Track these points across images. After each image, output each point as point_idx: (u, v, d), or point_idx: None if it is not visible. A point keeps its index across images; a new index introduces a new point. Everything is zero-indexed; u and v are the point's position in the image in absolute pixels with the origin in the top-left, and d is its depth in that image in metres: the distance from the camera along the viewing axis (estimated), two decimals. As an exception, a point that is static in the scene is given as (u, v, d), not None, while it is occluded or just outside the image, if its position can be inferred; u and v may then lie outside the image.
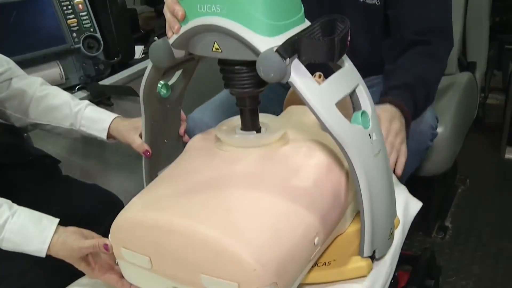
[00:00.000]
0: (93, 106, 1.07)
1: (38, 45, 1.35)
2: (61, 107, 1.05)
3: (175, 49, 0.77)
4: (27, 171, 1.07)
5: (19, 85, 1.06)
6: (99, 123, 1.03)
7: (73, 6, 1.41)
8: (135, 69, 1.56)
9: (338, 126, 0.67)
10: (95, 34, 1.45)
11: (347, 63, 0.73)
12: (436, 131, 1.21)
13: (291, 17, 0.69)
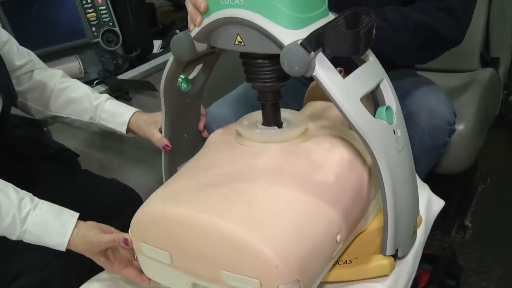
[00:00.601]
0: (113, 100, 1.06)
1: (58, 39, 1.35)
2: (81, 100, 1.05)
3: (197, 42, 0.76)
4: (47, 164, 1.07)
5: (40, 77, 1.06)
6: (118, 117, 1.02)
7: (93, 0, 1.41)
8: (153, 63, 1.55)
9: (363, 121, 0.65)
10: (114, 28, 1.45)
11: (371, 57, 0.71)
12: (454, 126, 1.19)
13: (315, 10, 0.68)
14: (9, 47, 1.03)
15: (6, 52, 1.01)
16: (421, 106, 1.14)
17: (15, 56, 1.03)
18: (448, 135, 1.18)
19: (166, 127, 0.93)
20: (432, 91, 1.19)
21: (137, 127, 1.01)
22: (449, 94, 1.54)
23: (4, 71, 0.95)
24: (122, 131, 1.03)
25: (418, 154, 1.15)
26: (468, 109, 1.47)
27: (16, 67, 1.03)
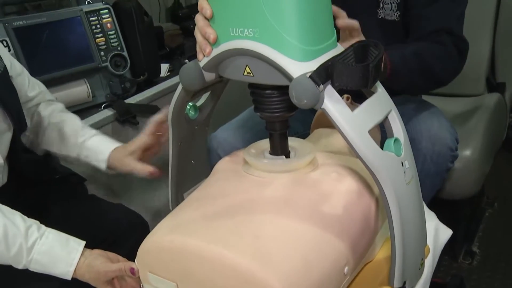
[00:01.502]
0: (99, 136, 1.06)
1: (67, 64, 1.37)
2: (69, 136, 1.05)
3: (205, 72, 0.76)
4: (55, 188, 1.08)
5: (44, 113, 1.08)
6: (99, 154, 1.02)
7: (102, 25, 1.43)
8: (160, 87, 1.57)
9: (371, 154, 0.65)
10: (122, 53, 1.46)
11: (379, 89, 0.71)
12: (457, 152, 1.19)
13: (324, 42, 0.68)
14: (22, 80, 1.05)
15: (19, 84, 1.03)
16: (423, 132, 1.14)
17: (26, 89, 1.05)
18: (451, 161, 1.19)
19: (174, 153, 0.93)
20: (434, 116, 1.19)
21: (117, 162, 1.01)
22: (455, 119, 1.56)
23: (16, 99, 0.97)
24: (102, 168, 1.02)
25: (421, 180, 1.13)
26: (474, 135, 1.46)
27: (27, 99, 1.05)
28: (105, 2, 1.47)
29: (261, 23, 0.66)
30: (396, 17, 1.21)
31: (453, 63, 1.15)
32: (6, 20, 1.28)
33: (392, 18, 1.21)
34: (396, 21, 1.21)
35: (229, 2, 0.68)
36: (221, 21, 0.70)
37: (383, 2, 1.21)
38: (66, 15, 1.37)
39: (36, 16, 1.32)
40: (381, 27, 1.23)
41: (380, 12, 1.22)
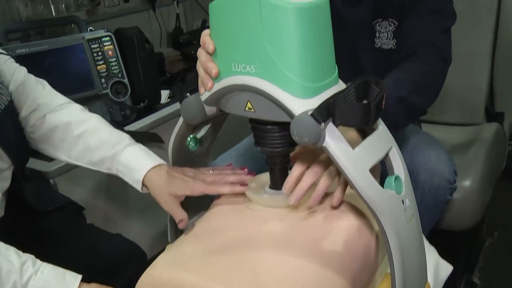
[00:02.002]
0: (134, 147, 0.94)
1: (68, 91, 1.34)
2: (98, 148, 0.95)
3: (206, 106, 0.77)
4: (53, 218, 1.07)
5: (54, 122, 0.98)
6: (134, 173, 0.90)
7: (103, 52, 1.44)
8: (160, 114, 1.57)
9: (372, 193, 0.65)
10: (123, 80, 1.47)
11: (380, 125, 0.71)
12: (455, 185, 1.19)
13: (325, 79, 0.68)
14: (23, 89, 0.99)
15: (21, 95, 0.99)
16: (421, 165, 1.14)
17: (27, 100, 0.99)
18: (450, 193, 1.19)
19: (173, 185, 0.93)
20: (432, 148, 1.20)
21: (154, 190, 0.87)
22: (454, 149, 1.56)
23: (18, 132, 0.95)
24: (137, 188, 0.90)
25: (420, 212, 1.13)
26: (474, 165, 1.46)
27: (29, 111, 0.99)
28: (107, 30, 1.48)
29: (263, 60, 0.66)
30: (392, 45, 1.22)
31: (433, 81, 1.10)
32: (9, 48, 1.29)
33: (388, 46, 1.22)
34: (393, 49, 1.22)
35: (231, 38, 0.68)
36: (224, 56, 0.71)
37: (379, 32, 1.22)
38: (68, 43, 1.38)
39: (38, 44, 1.33)
40: (379, 56, 1.24)
41: (377, 41, 1.23)
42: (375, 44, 1.24)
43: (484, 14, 1.64)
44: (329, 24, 0.69)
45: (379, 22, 1.21)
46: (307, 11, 0.64)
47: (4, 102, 0.91)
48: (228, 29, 0.69)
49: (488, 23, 1.65)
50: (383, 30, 1.21)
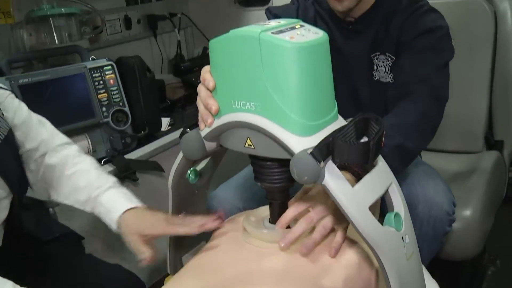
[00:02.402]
0: (116, 189, 1.00)
1: (69, 120, 1.38)
2: (84, 189, 1.00)
3: (206, 142, 0.77)
4: (52, 248, 1.06)
5: (52, 161, 1.03)
6: (112, 213, 0.95)
7: (105, 81, 1.45)
8: (161, 142, 1.58)
9: (371, 230, 0.65)
10: (123, 108, 1.48)
11: (380, 162, 0.72)
12: (454, 216, 1.19)
13: (325, 116, 0.69)
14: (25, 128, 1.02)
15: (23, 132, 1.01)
16: (419, 196, 1.14)
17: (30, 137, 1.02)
18: (449, 224, 1.19)
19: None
20: (430, 180, 1.20)
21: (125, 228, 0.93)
22: (453, 177, 1.56)
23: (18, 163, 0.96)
24: (113, 228, 0.96)
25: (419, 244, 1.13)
26: (474, 194, 1.46)
27: (31, 149, 1.02)
28: (108, 59, 1.50)
29: (263, 98, 0.67)
30: (390, 79, 1.23)
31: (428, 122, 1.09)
32: (12, 78, 1.31)
33: (386, 80, 1.24)
34: (390, 82, 1.23)
35: (231, 76, 0.69)
36: (224, 93, 0.71)
37: (377, 65, 1.24)
38: (70, 72, 1.39)
39: (41, 73, 1.34)
40: (378, 89, 1.25)
41: (376, 74, 1.25)
42: (373, 77, 1.25)
43: (481, 43, 1.66)
44: (329, 62, 0.69)
45: (377, 56, 1.23)
46: (307, 50, 0.65)
47: (3, 132, 0.92)
48: (228, 66, 0.69)
49: (486, 52, 1.67)
50: (381, 64, 1.23)
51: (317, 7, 1.30)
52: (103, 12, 1.95)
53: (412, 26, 1.16)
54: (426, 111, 1.07)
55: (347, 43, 1.25)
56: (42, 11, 1.69)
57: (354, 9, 1.20)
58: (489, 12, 1.65)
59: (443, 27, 1.16)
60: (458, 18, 1.33)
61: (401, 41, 1.17)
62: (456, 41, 1.21)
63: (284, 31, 0.67)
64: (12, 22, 1.69)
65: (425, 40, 1.14)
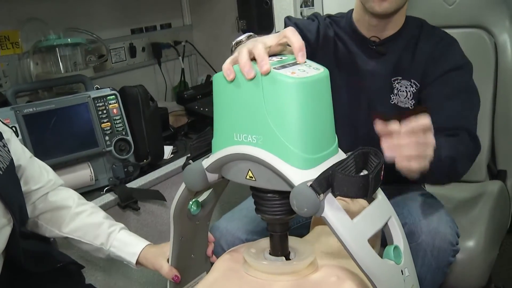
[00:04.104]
0: (127, 231, 1.08)
1: (72, 149, 1.39)
2: (95, 225, 1.06)
3: (208, 173, 0.78)
4: (52, 280, 1.06)
5: (55, 199, 1.08)
6: (130, 247, 1.04)
7: (108, 110, 1.46)
8: (163, 171, 1.58)
9: (370, 263, 0.65)
10: (126, 137, 1.49)
11: (379, 195, 0.72)
12: (458, 246, 1.18)
13: (325, 150, 0.70)
14: (31, 168, 1.06)
15: (27, 174, 1.05)
16: (423, 227, 1.14)
17: (34, 178, 1.06)
18: (452, 255, 1.18)
19: (175, 248, 0.93)
20: (434, 210, 1.20)
21: (145, 260, 1.02)
22: (457, 206, 1.55)
23: (19, 193, 0.97)
24: (131, 261, 1.03)
25: (422, 274, 1.14)
26: (478, 225, 1.45)
27: (34, 189, 1.06)
28: (112, 88, 1.51)
29: (264, 131, 0.68)
30: (410, 106, 1.24)
31: (471, 162, 1.16)
32: (17, 108, 1.32)
33: (406, 105, 1.24)
34: (410, 109, 1.24)
35: (234, 109, 0.70)
36: (226, 125, 0.72)
37: (398, 90, 1.25)
38: (74, 102, 1.41)
39: (45, 103, 1.36)
40: (395, 113, 1.26)
41: (394, 98, 1.26)
42: (390, 100, 1.26)
43: (482, 74, 1.67)
44: (329, 97, 0.70)
45: (398, 80, 1.24)
46: (308, 85, 0.66)
47: (5, 162, 0.94)
48: (231, 99, 0.71)
49: (487, 82, 1.68)
50: (403, 89, 1.24)
51: (335, 27, 1.31)
52: (108, 41, 1.99)
53: (441, 59, 1.21)
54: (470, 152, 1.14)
55: (368, 63, 1.26)
56: (49, 42, 1.72)
57: (383, 28, 1.23)
58: (489, 43, 1.67)
59: (469, 64, 1.23)
60: (458, 49, 1.36)
61: (429, 72, 1.20)
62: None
63: (286, 66, 0.68)
64: (20, 52, 1.72)
65: (459, 78, 1.19)
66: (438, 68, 1.20)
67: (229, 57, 0.71)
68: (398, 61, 1.24)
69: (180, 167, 0.82)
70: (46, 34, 1.74)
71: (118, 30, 2.13)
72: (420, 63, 1.22)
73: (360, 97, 1.29)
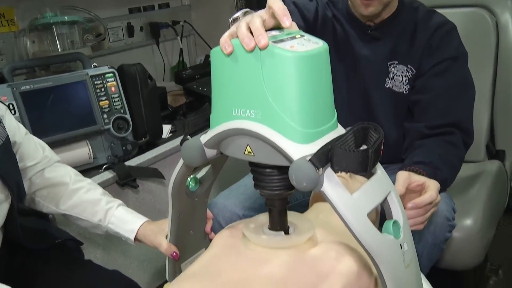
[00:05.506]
0: (125, 207, 1.08)
1: (70, 127, 1.39)
2: (93, 202, 1.06)
3: (207, 149, 0.77)
4: (51, 256, 1.06)
5: (52, 175, 1.08)
6: (128, 224, 1.04)
7: (106, 89, 1.46)
8: (161, 149, 1.58)
9: (370, 238, 0.65)
10: (125, 116, 1.48)
11: (379, 170, 0.72)
12: (454, 222, 1.19)
13: (324, 124, 0.69)
14: (26, 144, 1.06)
15: (22, 150, 1.04)
16: None
17: (30, 154, 1.06)
18: (449, 230, 1.19)
19: (173, 224, 0.93)
20: None
21: (144, 236, 1.02)
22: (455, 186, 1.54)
23: (16, 169, 0.97)
24: (130, 237, 1.04)
25: (419, 251, 1.14)
26: (476, 204, 1.46)
27: (29, 165, 1.06)
28: (110, 66, 1.50)
29: (262, 106, 0.67)
30: (405, 90, 1.24)
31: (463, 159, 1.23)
32: (14, 85, 1.31)
33: (400, 90, 1.25)
34: (404, 94, 1.24)
35: (232, 84, 0.69)
36: (224, 101, 0.71)
37: (394, 74, 1.25)
38: (72, 79, 1.40)
39: (43, 81, 1.35)
40: (388, 97, 1.26)
41: (389, 82, 1.26)
42: (385, 84, 1.26)
43: (483, 53, 1.66)
44: (329, 71, 0.70)
45: (394, 64, 1.24)
46: (307, 59, 0.65)
47: (2, 138, 0.94)
48: (228, 74, 0.70)
49: (488, 62, 1.68)
50: (398, 74, 1.24)
51: (333, 8, 1.30)
52: (106, 20, 1.97)
53: (438, 49, 1.22)
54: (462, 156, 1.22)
55: (364, 47, 1.26)
56: (46, 19, 1.71)
57: (377, 14, 1.23)
58: (491, 22, 1.66)
59: (466, 54, 1.26)
60: (460, 28, 1.34)
61: (425, 60, 1.21)
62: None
63: (285, 40, 0.67)
64: (16, 30, 1.71)
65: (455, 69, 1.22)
66: (435, 58, 1.22)
67: (227, 31, 0.71)
68: (395, 45, 1.24)
69: (178, 145, 0.82)
70: (43, 11, 1.72)
71: (115, 9, 2.11)
72: (418, 50, 1.22)
73: (356, 81, 1.29)
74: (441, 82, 1.22)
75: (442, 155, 1.13)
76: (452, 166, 1.17)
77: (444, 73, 1.22)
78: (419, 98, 1.24)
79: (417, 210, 0.98)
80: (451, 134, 1.19)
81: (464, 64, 1.25)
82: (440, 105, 1.21)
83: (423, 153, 1.15)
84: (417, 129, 1.23)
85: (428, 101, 1.23)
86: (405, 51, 1.24)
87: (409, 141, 1.25)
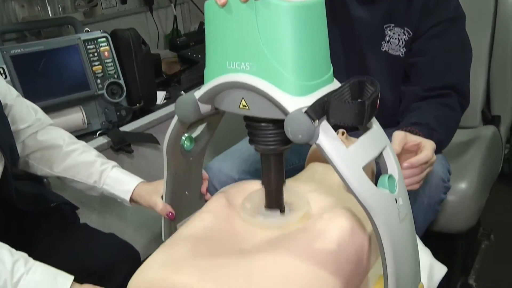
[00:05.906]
0: (120, 168, 1.07)
1: (63, 91, 1.37)
2: (87, 164, 1.05)
3: (201, 104, 0.76)
4: (46, 219, 1.06)
5: (45, 138, 1.07)
6: (123, 185, 1.03)
7: (99, 54, 1.43)
8: (156, 115, 1.57)
9: (365, 191, 0.65)
10: (118, 81, 1.47)
11: (375, 125, 0.71)
12: (449, 183, 1.20)
13: (320, 77, 0.68)
14: (18, 107, 1.04)
15: (14, 113, 1.03)
16: None
17: (22, 117, 1.04)
18: (444, 192, 1.19)
19: (168, 184, 0.93)
20: None
21: (139, 197, 1.02)
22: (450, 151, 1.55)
23: (9, 132, 0.96)
24: (125, 198, 1.03)
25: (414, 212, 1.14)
26: (470, 168, 1.46)
27: (22, 128, 1.05)
28: (103, 31, 1.48)
29: (257, 58, 0.66)
30: (401, 53, 1.23)
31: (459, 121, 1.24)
32: (4, 48, 1.29)
33: (396, 53, 1.23)
34: (400, 57, 1.23)
35: (226, 36, 0.68)
36: (219, 54, 0.70)
37: (390, 37, 1.23)
38: (64, 44, 1.37)
39: (34, 44, 1.33)
40: (384, 60, 1.25)
41: (385, 45, 1.24)
42: (381, 47, 1.24)
43: (481, 18, 1.65)
44: (324, 23, 0.68)
45: (391, 27, 1.22)
46: (302, 9, 0.64)
47: None
48: (223, 27, 0.68)
49: (485, 27, 1.66)
50: (395, 36, 1.23)
51: None
52: (98, -15, 1.93)
53: (435, 10, 1.20)
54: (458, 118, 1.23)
55: (359, 9, 1.24)
56: (35, -18, 1.67)
57: None
58: (489, -16, 1.64)
59: (463, 16, 1.24)
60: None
61: (423, 22, 1.19)
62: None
63: (280, -9, 0.66)
64: (3, -7, 1.67)
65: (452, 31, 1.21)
66: (432, 19, 1.20)
67: None
68: (391, 7, 1.22)
69: (173, 111, 0.80)
70: (32, -26, 1.69)
71: (108, -26, 2.07)
72: (415, 12, 1.20)
73: (352, 44, 1.27)
74: (438, 44, 1.21)
75: (439, 117, 1.13)
76: (448, 127, 1.16)
77: (441, 35, 1.20)
78: (415, 60, 1.23)
79: (413, 170, 0.97)
80: (448, 96, 1.19)
81: (462, 26, 1.23)
82: (437, 67, 1.20)
83: (419, 114, 1.14)
84: (413, 92, 1.23)
85: (425, 64, 1.22)
86: (402, 13, 1.22)
87: (405, 104, 1.25)
